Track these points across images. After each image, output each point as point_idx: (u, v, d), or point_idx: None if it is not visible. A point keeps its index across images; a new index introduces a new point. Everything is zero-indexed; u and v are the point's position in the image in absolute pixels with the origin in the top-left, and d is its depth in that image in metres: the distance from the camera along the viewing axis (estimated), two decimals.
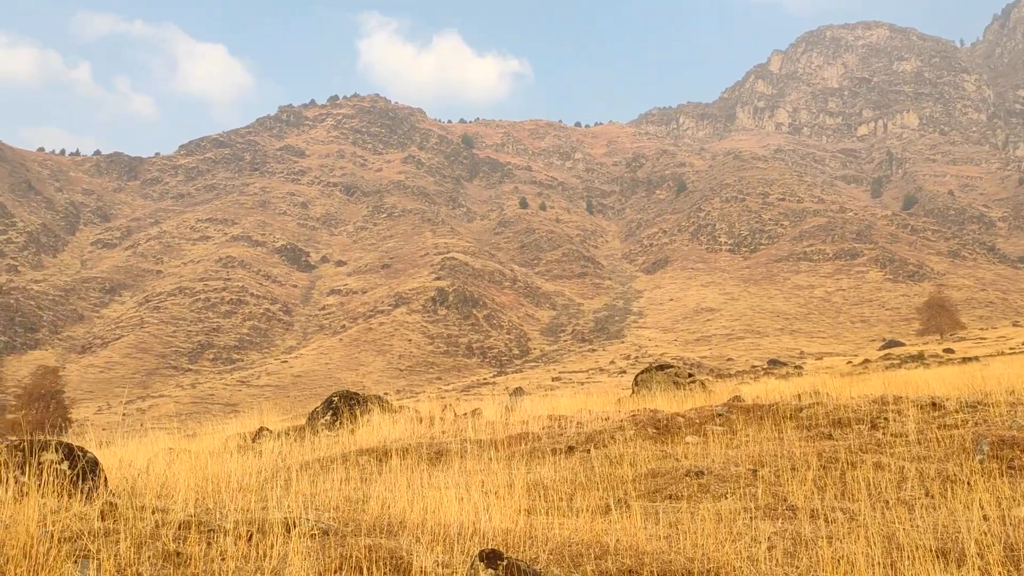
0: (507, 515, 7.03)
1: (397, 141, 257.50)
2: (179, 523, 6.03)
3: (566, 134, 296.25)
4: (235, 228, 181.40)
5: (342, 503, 7.72)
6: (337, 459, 11.17)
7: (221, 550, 5.53)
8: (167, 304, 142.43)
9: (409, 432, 13.80)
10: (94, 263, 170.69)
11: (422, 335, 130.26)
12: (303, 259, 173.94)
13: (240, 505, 6.99)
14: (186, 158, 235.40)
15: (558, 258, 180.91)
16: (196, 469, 9.08)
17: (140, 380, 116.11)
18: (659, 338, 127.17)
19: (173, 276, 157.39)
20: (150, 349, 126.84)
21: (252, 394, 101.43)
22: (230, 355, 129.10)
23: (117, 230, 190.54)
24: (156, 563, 5.22)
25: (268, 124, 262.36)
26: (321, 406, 16.56)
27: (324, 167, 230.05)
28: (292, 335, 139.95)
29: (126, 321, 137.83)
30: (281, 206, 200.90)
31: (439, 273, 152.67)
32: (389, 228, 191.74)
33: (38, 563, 4.88)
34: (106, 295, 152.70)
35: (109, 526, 5.78)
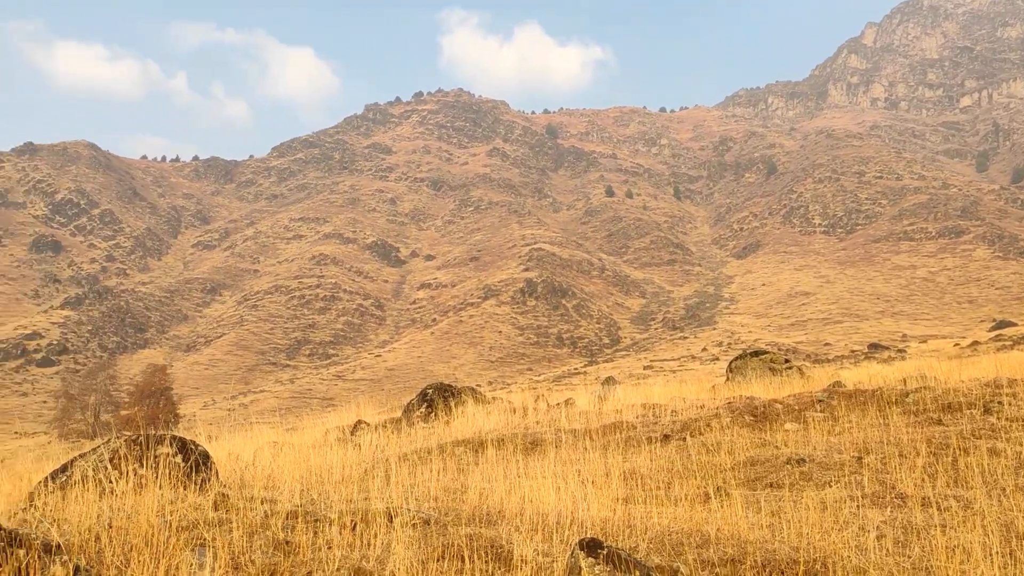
0: (604, 504, 7.01)
1: (481, 134, 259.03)
2: (287, 513, 6.22)
3: (651, 120, 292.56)
4: (327, 226, 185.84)
5: (441, 493, 7.83)
6: (433, 450, 11.34)
7: (327, 539, 5.68)
8: (264, 302, 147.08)
9: (503, 423, 13.90)
10: (195, 264, 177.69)
11: (512, 326, 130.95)
12: (393, 254, 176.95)
13: (343, 496, 7.17)
14: (278, 159, 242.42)
15: (646, 245, 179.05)
16: (299, 461, 9.36)
17: (242, 376, 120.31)
18: (752, 324, 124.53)
19: (269, 275, 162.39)
20: (250, 346, 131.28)
21: (348, 388, 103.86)
22: (326, 350, 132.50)
23: (216, 232, 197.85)
24: (267, 551, 5.40)
25: (355, 123, 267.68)
26: (416, 398, 16.83)
27: (411, 163, 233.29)
28: (385, 329, 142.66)
29: (227, 320, 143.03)
30: (370, 203, 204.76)
31: (527, 264, 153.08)
32: (476, 221, 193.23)
33: (159, 550, 5.12)
34: (208, 295, 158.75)
35: (222, 516, 6.01)
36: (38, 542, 4.48)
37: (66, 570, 4.37)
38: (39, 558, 4.37)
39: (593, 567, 4.90)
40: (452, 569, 5.19)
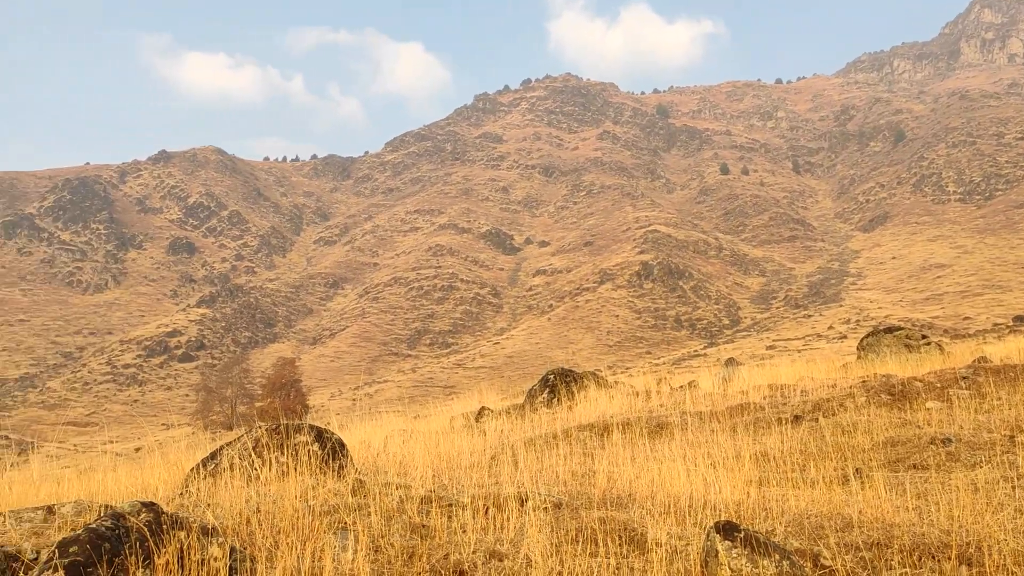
0: (736, 487, 6.87)
1: (591, 118, 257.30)
2: (421, 498, 6.38)
3: (766, 93, 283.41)
4: (442, 217, 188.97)
5: (569, 477, 7.86)
6: (558, 435, 11.38)
7: (461, 523, 5.79)
8: (385, 294, 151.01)
9: (626, 406, 13.81)
10: (318, 260, 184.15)
11: (629, 310, 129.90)
12: (508, 242, 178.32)
13: (474, 481, 7.30)
14: (392, 154, 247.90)
15: (765, 223, 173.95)
16: (429, 448, 9.58)
17: (366, 367, 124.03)
18: (882, 299, 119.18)
19: (388, 267, 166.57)
20: (372, 338, 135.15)
21: (468, 376, 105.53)
22: (445, 339, 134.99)
23: (336, 227, 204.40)
24: (404, 534, 5.55)
25: (465, 114, 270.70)
26: (538, 384, 16.93)
27: (522, 151, 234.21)
28: (502, 317, 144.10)
29: (349, 312, 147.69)
30: (483, 192, 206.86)
31: (642, 247, 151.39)
32: (589, 205, 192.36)
33: (304, 534, 5.34)
34: (330, 289, 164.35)
35: (360, 501, 6.22)
36: (196, 525, 4.75)
37: (223, 551, 4.62)
38: (198, 540, 4.63)
39: (730, 550, 4.81)
40: (586, 552, 5.20)
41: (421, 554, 5.19)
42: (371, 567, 4.89)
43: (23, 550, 4.59)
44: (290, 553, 5.01)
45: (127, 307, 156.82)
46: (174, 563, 4.53)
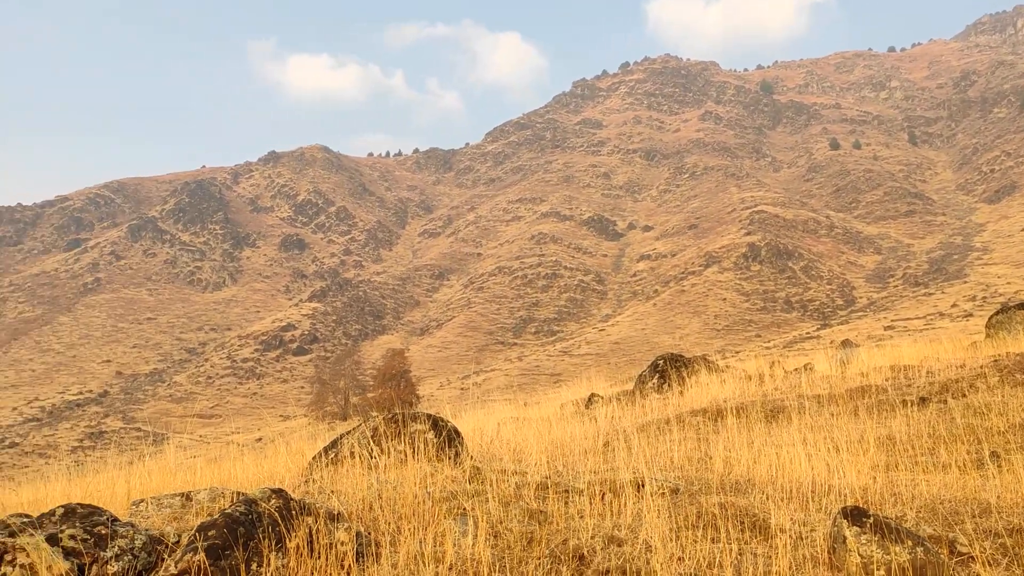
0: (861, 471, 6.64)
1: (692, 99, 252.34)
2: (536, 484, 6.42)
3: (878, 62, 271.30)
4: (544, 205, 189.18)
5: (684, 463, 7.76)
6: (670, 420, 11.25)
7: (578, 509, 5.80)
8: (489, 284, 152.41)
9: (739, 391, 13.53)
10: (423, 252, 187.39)
11: (736, 293, 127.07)
12: (610, 228, 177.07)
13: (588, 467, 7.29)
14: (492, 144, 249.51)
15: (879, 198, 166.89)
16: (541, 434, 9.62)
17: (473, 356, 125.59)
18: (1011, 275, 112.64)
19: (492, 257, 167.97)
20: (479, 327, 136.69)
21: (574, 363, 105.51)
22: (550, 327, 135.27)
23: (439, 219, 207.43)
24: (522, 520, 5.60)
25: (564, 101, 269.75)
26: (647, 370, 16.77)
27: (622, 135, 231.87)
28: (607, 303, 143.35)
29: (455, 303, 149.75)
30: (584, 179, 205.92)
31: (748, 228, 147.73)
32: (692, 188, 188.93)
33: (425, 519, 5.46)
34: (436, 280, 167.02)
35: (477, 487, 6.31)
36: (323, 511, 4.92)
37: (349, 536, 4.77)
38: (325, 525, 4.79)
39: (859, 536, 4.65)
40: (706, 538, 5.12)
41: (540, 539, 5.22)
42: (491, 552, 4.95)
43: (166, 534, 4.85)
44: (412, 538, 5.13)
45: (244, 303, 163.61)
46: (304, 547, 4.70)
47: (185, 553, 4.30)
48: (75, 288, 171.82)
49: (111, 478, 8.56)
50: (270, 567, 4.57)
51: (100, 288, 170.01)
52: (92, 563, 4.27)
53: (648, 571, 4.64)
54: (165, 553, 4.67)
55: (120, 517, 4.96)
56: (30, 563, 4.02)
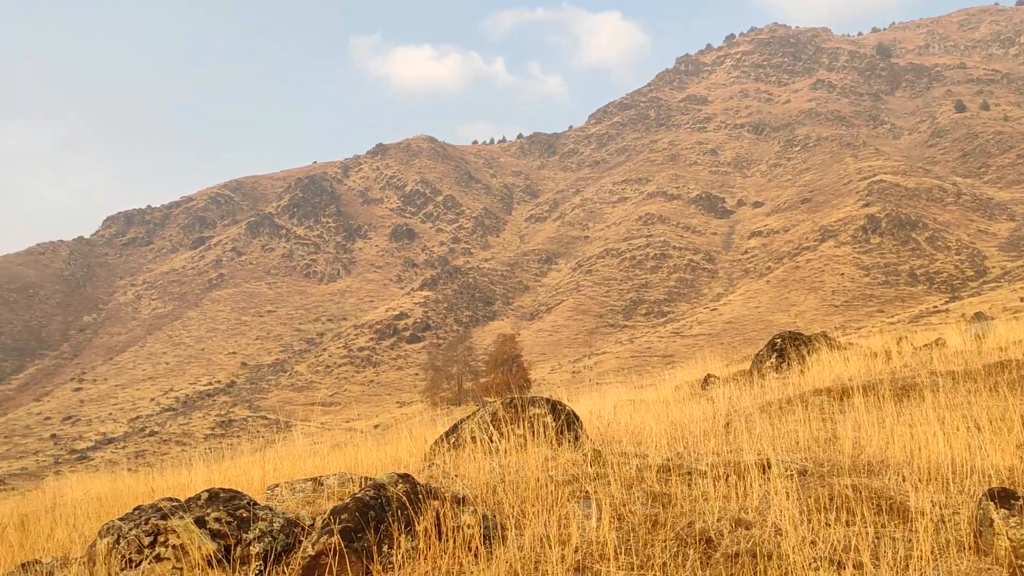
0: (1006, 451, 6.29)
1: (802, 68, 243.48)
2: (658, 467, 6.36)
3: (1006, 16, 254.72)
4: (650, 185, 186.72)
5: (810, 443, 7.53)
6: (793, 400, 10.93)
7: (702, 491, 5.71)
8: (597, 266, 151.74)
9: (864, 368, 13.02)
10: (530, 237, 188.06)
11: (855, 267, 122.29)
12: (719, 206, 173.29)
13: (710, 448, 7.17)
14: (596, 126, 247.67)
15: (1011, 161, 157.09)
16: (659, 417, 9.52)
17: (583, 340, 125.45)
18: None
19: (599, 240, 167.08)
20: (588, 310, 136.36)
21: (686, 344, 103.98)
22: (661, 308, 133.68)
23: (545, 204, 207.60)
24: (646, 503, 5.56)
25: (667, 78, 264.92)
26: (765, 349, 16.35)
27: (728, 110, 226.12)
28: (718, 282, 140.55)
29: (564, 287, 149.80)
30: (691, 156, 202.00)
31: (866, 199, 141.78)
32: (804, 160, 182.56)
33: (547, 502, 5.49)
34: (544, 265, 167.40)
35: (598, 470, 6.29)
36: (448, 495, 5.01)
37: (475, 519, 4.84)
38: (451, 508, 4.89)
39: (1007, 519, 4.41)
40: (840, 521, 4.96)
41: (664, 522, 5.17)
42: (616, 535, 4.94)
43: (301, 517, 5.05)
44: (536, 521, 5.17)
45: (357, 293, 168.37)
46: (432, 530, 4.81)
47: (321, 535, 4.47)
48: (201, 284, 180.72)
49: (247, 464, 8.97)
50: (400, 549, 4.70)
51: (223, 283, 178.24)
52: (236, 544, 4.48)
53: (779, 555, 4.52)
54: (302, 535, 4.86)
55: (258, 501, 5.19)
56: (181, 544, 4.26)
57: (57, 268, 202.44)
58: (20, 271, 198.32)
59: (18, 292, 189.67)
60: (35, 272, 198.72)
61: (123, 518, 4.55)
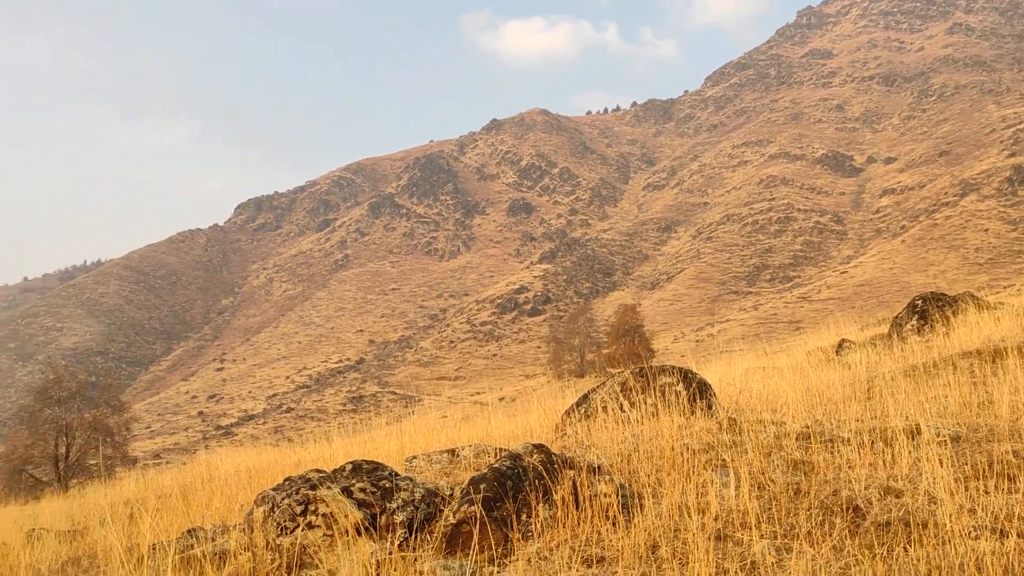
0: None
1: (936, 12, 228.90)
2: (796, 434, 6.17)
3: None
4: (771, 147, 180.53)
5: (960, 409, 7.13)
6: (937, 363, 10.38)
7: (846, 458, 5.51)
8: (718, 233, 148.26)
9: (1018, 328, 12.22)
10: (648, 206, 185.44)
11: (1002, 222, 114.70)
12: (847, 164, 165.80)
13: (851, 415, 6.90)
14: (712, 88, 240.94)
15: None
16: (793, 383, 9.23)
17: (705, 308, 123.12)
18: None
19: (719, 205, 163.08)
20: (709, 278, 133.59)
21: (815, 309, 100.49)
22: (786, 273, 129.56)
23: (662, 171, 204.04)
24: (785, 471, 5.41)
25: (788, 33, 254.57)
26: (905, 311, 15.58)
27: (855, 62, 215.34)
28: (847, 244, 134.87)
29: (684, 255, 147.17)
30: (815, 114, 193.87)
31: (1012, 149, 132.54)
32: (941, 111, 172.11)
33: (683, 471, 5.42)
34: (663, 233, 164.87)
35: (734, 438, 6.16)
36: (584, 464, 5.02)
37: (611, 487, 4.83)
38: (587, 477, 4.89)
39: None
40: (999, 489, 4.68)
41: (807, 490, 5.02)
42: (757, 503, 4.83)
43: (440, 487, 5.17)
44: (673, 489, 5.11)
45: (478, 269, 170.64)
46: (569, 498, 4.82)
47: (461, 504, 4.56)
48: (328, 265, 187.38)
49: (382, 437, 9.27)
50: (539, 518, 4.74)
51: (349, 264, 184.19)
52: (380, 513, 4.64)
53: (935, 523, 4.31)
54: (442, 505, 4.98)
55: (398, 472, 5.34)
56: (330, 512, 4.44)
57: (196, 255, 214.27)
58: (164, 259, 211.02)
59: (163, 279, 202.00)
60: (177, 259, 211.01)
61: (275, 488, 4.78)
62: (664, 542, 4.44)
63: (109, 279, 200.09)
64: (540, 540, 4.58)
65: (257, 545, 4.60)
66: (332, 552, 4.41)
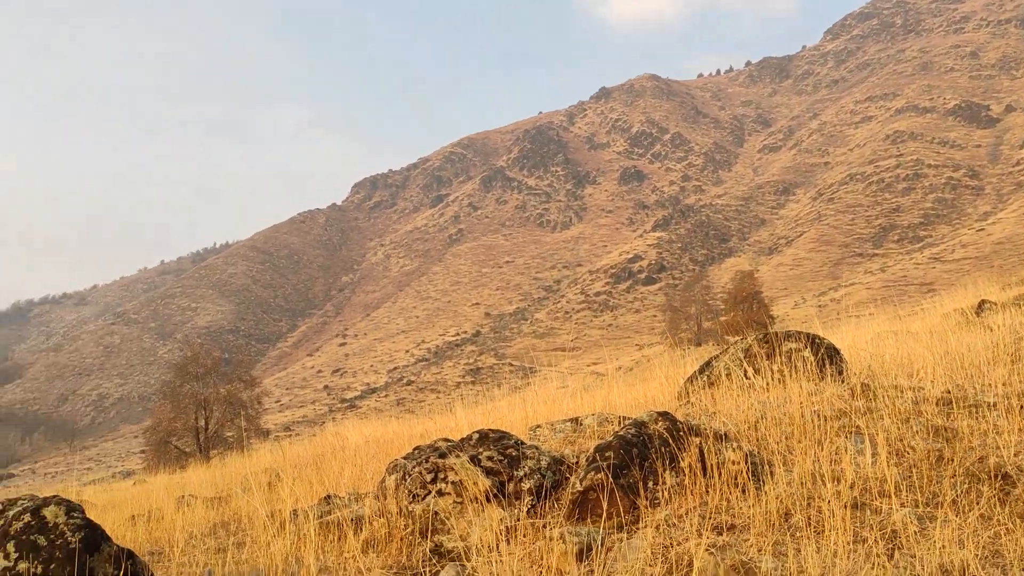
0: None
1: None
2: (936, 399, 5.89)
3: None
4: (898, 100, 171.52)
5: None
6: None
7: (992, 424, 5.22)
8: (840, 194, 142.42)
9: None
10: (764, 169, 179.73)
11: None
12: (982, 114, 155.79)
13: (996, 379, 6.52)
14: (832, 42, 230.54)
15: None
16: (931, 347, 8.79)
17: (828, 272, 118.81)
18: None
19: (841, 165, 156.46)
20: (832, 240, 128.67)
21: (948, 270, 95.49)
22: (915, 233, 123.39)
23: (779, 132, 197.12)
24: (926, 437, 5.17)
25: None
26: None
27: (991, 5, 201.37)
28: (984, 200, 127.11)
29: (803, 218, 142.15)
30: (945, 63, 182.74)
31: None
32: None
33: (815, 438, 5.25)
34: (781, 196, 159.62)
35: (867, 404, 5.93)
36: (710, 431, 4.94)
37: (739, 455, 4.74)
38: (713, 444, 4.81)
39: None
40: None
41: (950, 458, 4.79)
42: (896, 470, 4.64)
43: (565, 455, 5.20)
44: (805, 457, 4.96)
45: (590, 239, 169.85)
46: (696, 465, 4.76)
47: (588, 472, 4.57)
48: (442, 240, 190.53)
49: (504, 407, 9.39)
50: (665, 485, 4.71)
51: (463, 238, 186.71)
52: (508, 480, 4.71)
53: None
54: (567, 472, 5.01)
55: (523, 441, 5.40)
56: (459, 480, 4.54)
57: (316, 234, 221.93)
58: (287, 239, 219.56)
59: (286, 259, 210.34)
60: (298, 239, 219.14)
61: (406, 457, 4.92)
62: (797, 510, 4.34)
63: (237, 260, 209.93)
64: (668, 507, 4.55)
65: (390, 511, 4.75)
66: (462, 518, 4.51)
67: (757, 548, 3.99)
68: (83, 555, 3.72)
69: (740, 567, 3.70)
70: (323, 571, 4.23)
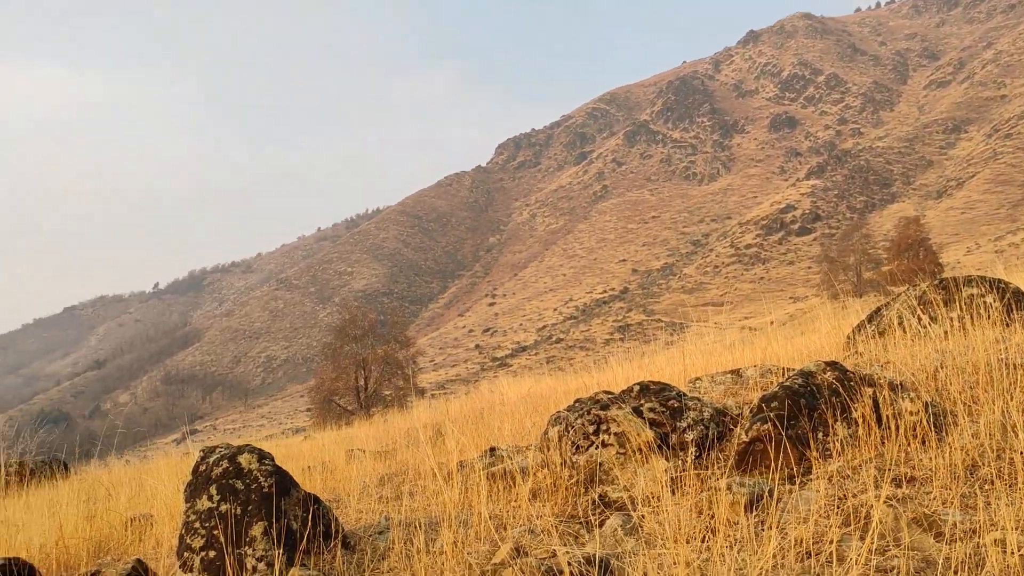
0: None
1: None
2: None
3: None
4: None
5: None
6: None
7: None
8: (1020, 128, 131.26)
9: None
10: (931, 106, 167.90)
11: None
12: None
13: None
14: None
15: None
16: None
17: (1005, 215, 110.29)
18: None
19: (1020, 97, 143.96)
20: (1010, 180, 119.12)
21: None
22: None
23: (948, 66, 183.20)
24: None
25: None
26: None
27: None
28: None
29: (976, 157, 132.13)
30: None
31: None
32: None
33: (1002, 387, 4.91)
34: (950, 135, 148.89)
35: None
36: (883, 380, 4.71)
37: (916, 405, 4.50)
38: (888, 395, 4.59)
39: None
40: None
41: None
42: None
43: (728, 407, 5.10)
44: (991, 407, 4.65)
45: (739, 191, 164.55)
46: (870, 416, 4.56)
47: (754, 423, 4.47)
48: (587, 197, 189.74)
49: (661, 361, 9.30)
50: (837, 436, 4.53)
51: (607, 195, 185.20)
52: (671, 432, 4.67)
53: None
54: (731, 424, 4.92)
55: (684, 392, 5.33)
56: (622, 431, 4.54)
57: (463, 196, 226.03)
58: (434, 202, 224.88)
59: (435, 222, 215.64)
60: (445, 202, 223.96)
61: (568, 409, 4.97)
62: (985, 462, 4.08)
63: (388, 225, 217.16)
64: (840, 459, 4.39)
65: (554, 462, 4.83)
66: (626, 469, 4.52)
67: (941, 501, 3.79)
68: (276, 498, 4.03)
69: (923, 519, 3.53)
70: (494, 518, 4.36)
